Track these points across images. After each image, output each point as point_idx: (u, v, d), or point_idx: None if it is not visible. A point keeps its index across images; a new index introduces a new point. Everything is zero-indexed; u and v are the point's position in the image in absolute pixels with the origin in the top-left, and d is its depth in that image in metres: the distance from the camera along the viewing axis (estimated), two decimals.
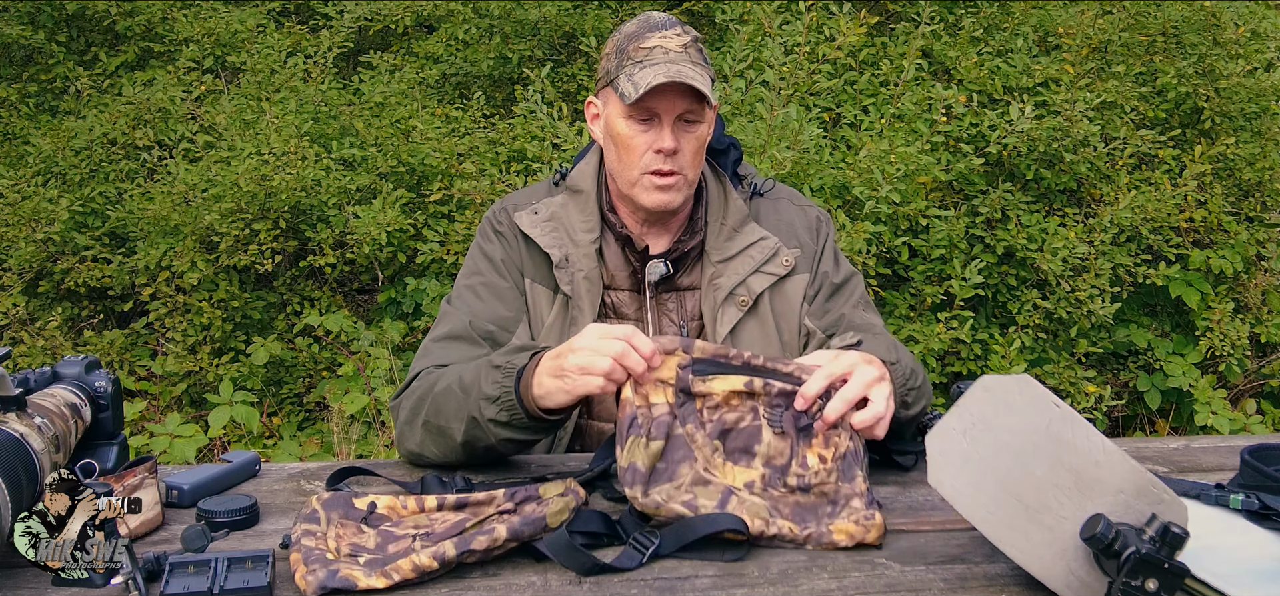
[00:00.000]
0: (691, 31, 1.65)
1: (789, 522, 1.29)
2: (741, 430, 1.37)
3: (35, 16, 5.04)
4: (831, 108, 4.07)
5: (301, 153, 3.88)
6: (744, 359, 1.38)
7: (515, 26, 4.80)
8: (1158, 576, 1.02)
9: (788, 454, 1.36)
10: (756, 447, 1.37)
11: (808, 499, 1.34)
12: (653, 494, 1.30)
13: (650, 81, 1.57)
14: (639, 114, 1.62)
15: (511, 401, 1.44)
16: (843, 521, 1.30)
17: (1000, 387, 1.15)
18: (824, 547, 1.28)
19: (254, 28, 4.68)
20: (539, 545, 1.22)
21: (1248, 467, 1.42)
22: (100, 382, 1.47)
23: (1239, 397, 4.37)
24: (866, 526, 1.29)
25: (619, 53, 1.64)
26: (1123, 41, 4.34)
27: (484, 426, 1.47)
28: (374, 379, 3.82)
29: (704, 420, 1.37)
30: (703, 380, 1.37)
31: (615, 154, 1.68)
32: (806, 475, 1.34)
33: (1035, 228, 3.90)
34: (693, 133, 1.64)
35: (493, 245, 1.75)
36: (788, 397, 1.38)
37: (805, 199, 1.85)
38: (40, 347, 4.10)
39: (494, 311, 1.69)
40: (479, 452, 1.52)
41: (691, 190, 1.69)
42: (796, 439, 1.37)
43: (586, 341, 1.37)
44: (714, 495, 1.32)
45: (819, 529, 1.29)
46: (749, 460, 1.36)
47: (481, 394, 1.46)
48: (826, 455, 1.36)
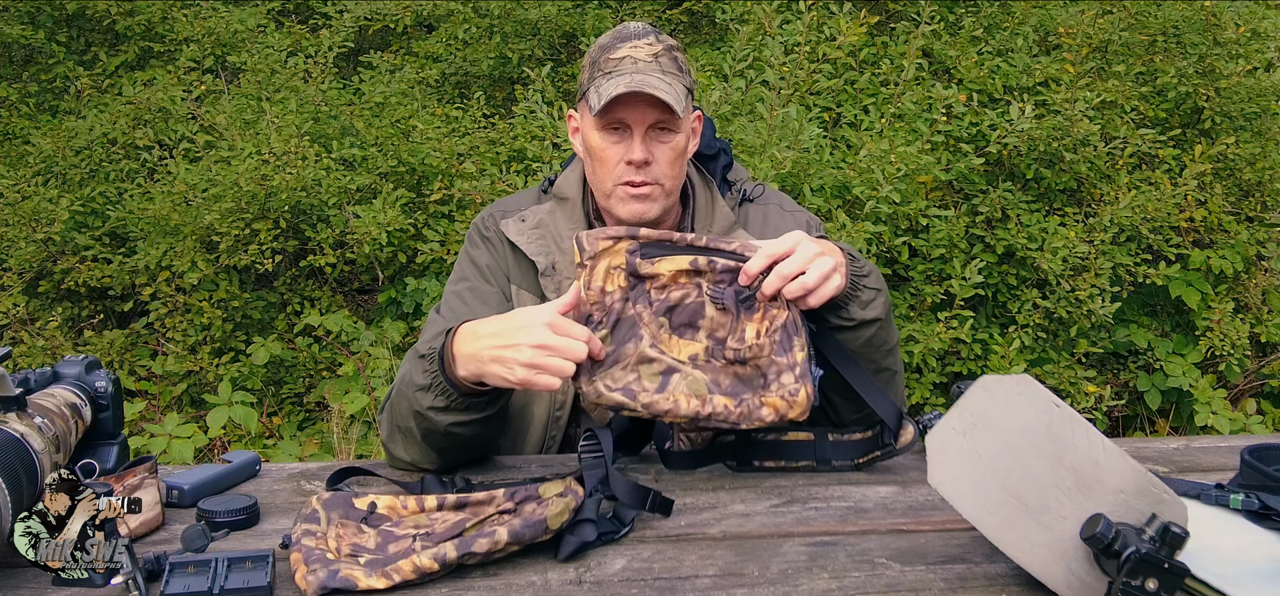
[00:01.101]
0: (667, 40, 1.65)
1: (725, 399, 1.39)
2: (686, 306, 1.44)
3: (35, 16, 5.04)
4: (832, 108, 4.07)
5: (302, 152, 3.88)
6: (688, 240, 1.45)
7: (515, 26, 4.80)
8: (1158, 576, 1.02)
9: (728, 327, 1.44)
10: (700, 322, 1.44)
11: (744, 371, 1.42)
12: (596, 381, 1.38)
13: (612, 92, 1.57)
14: (610, 125, 1.63)
15: (443, 384, 1.44)
16: (772, 395, 1.39)
17: (1000, 387, 1.15)
18: (754, 423, 1.39)
19: (254, 27, 4.68)
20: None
21: (1248, 467, 1.41)
22: (100, 382, 1.47)
23: (1239, 397, 4.37)
24: (790, 401, 1.39)
25: (592, 64, 1.65)
26: (1123, 41, 4.34)
27: (428, 417, 1.47)
28: (374, 379, 3.82)
29: (652, 299, 1.44)
30: (650, 262, 1.44)
31: (591, 167, 1.68)
32: (742, 349, 1.42)
33: (1035, 227, 3.89)
34: (667, 143, 1.63)
35: (479, 251, 1.75)
36: (732, 274, 1.45)
37: (795, 204, 1.84)
38: (40, 347, 4.10)
39: (476, 316, 1.68)
40: (443, 446, 1.51)
41: (670, 200, 1.68)
42: (737, 313, 1.43)
43: (527, 350, 1.35)
44: (656, 374, 1.40)
45: (752, 401, 1.39)
46: (693, 333, 1.44)
47: (415, 385, 1.47)
48: (762, 329, 1.42)
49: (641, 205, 1.64)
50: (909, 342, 3.66)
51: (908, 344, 3.66)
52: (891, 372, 1.61)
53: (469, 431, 1.49)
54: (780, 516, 1.39)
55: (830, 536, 1.32)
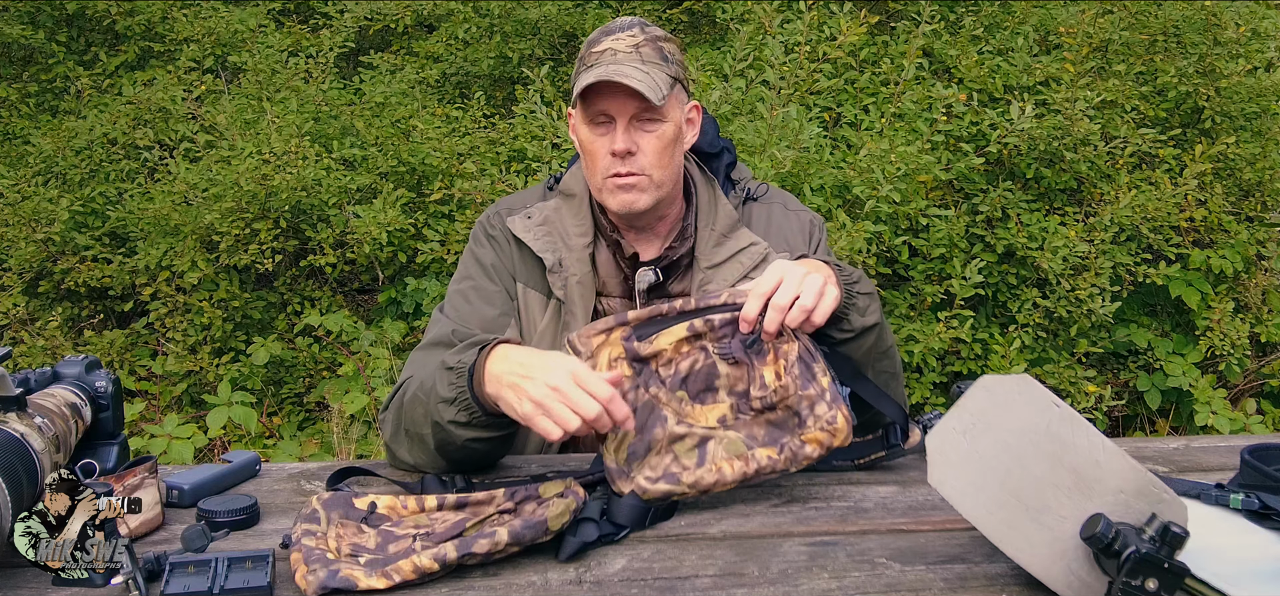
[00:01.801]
0: (654, 32, 1.64)
1: (767, 450, 1.37)
2: (698, 372, 1.42)
3: (35, 16, 5.03)
4: (832, 107, 4.06)
5: (302, 152, 3.88)
6: (677, 308, 1.43)
7: (515, 25, 4.80)
8: (1158, 576, 1.02)
9: (746, 378, 1.41)
10: (716, 383, 1.42)
11: (776, 416, 1.40)
12: (636, 477, 1.36)
13: (584, 82, 1.57)
14: (594, 118, 1.63)
15: (468, 401, 1.41)
16: (811, 431, 1.37)
17: (1000, 387, 1.15)
18: (802, 464, 1.37)
19: (255, 27, 4.68)
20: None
21: (1248, 467, 1.41)
22: (100, 382, 1.47)
23: (1239, 397, 4.37)
24: (831, 431, 1.37)
25: (579, 60, 1.66)
26: (1123, 40, 4.34)
27: (447, 429, 1.45)
28: (374, 379, 3.82)
29: (663, 377, 1.41)
30: (648, 342, 1.42)
31: (584, 161, 1.69)
32: (767, 394, 1.40)
33: (1035, 226, 3.89)
34: (652, 132, 1.63)
35: (484, 249, 1.74)
36: (732, 325, 1.42)
37: (799, 204, 1.83)
38: (40, 347, 4.10)
39: (480, 315, 1.68)
40: (457, 457, 1.50)
41: (661, 192, 1.67)
42: (750, 361, 1.41)
43: (542, 386, 1.32)
44: (692, 448, 1.38)
45: (793, 443, 1.37)
46: (714, 396, 1.41)
47: (439, 397, 1.44)
48: (779, 369, 1.40)
49: (629, 195, 1.64)
50: (909, 342, 3.66)
51: (908, 344, 3.66)
52: (892, 374, 1.61)
53: (485, 447, 1.49)
54: (780, 516, 1.39)
55: (830, 536, 1.32)
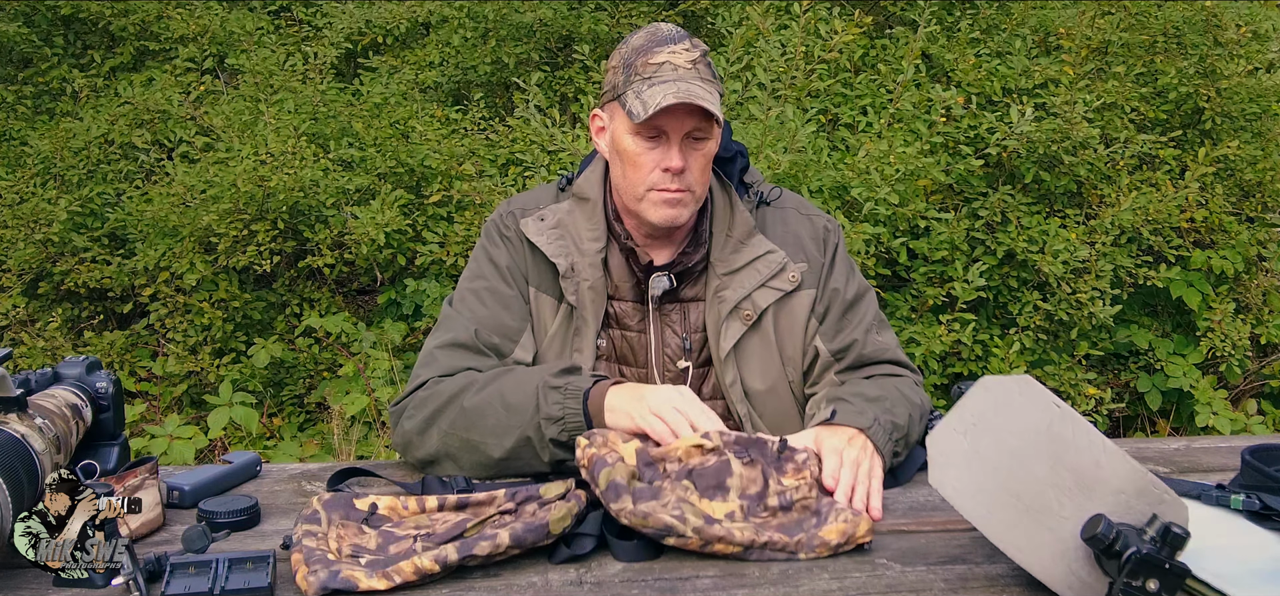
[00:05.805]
0: (700, 45, 1.63)
1: (780, 535, 1.26)
2: (708, 469, 1.33)
3: (31, 17, 5.02)
4: (829, 109, 4.06)
5: (300, 153, 3.88)
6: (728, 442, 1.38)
7: (510, 30, 4.78)
8: (1159, 576, 1.02)
9: (761, 481, 1.34)
10: (728, 481, 1.32)
11: (790, 516, 1.32)
12: (639, 506, 1.25)
13: (660, 102, 1.54)
14: (646, 131, 1.61)
15: (579, 423, 1.47)
16: (832, 524, 1.28)
17: (1000, 388, 1.15)
18: (817, 551, 1.26)
19: (253, 29, 4.68)
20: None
21: (1248, 468, 1.42)
22: (101, 383, 1.47)
23: (1240, 398, 4.37)
24: (855, 521, 1.29)
25: (626, 67, 1.61)
26: (1123, 42, 4.34)
27: (540, 446, 1.49)
28: (374, 380, 3.82)
29: (669, 472, 1.36)
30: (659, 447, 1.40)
31: (621, 170, 1.66)
32: (787, 492, 1.33)
33: (1036, 229, 3.89)
34: (700, 149, 1.63)
35: (499, 250, 1.73)
36: (755, 442, 1.38)
37: (813, 207, 1.82)
38: (41, 348, 4.10)
39: (499, 320, 1.68)
40: (514, 468, 1.53)
41: (698, 205, 1.68)
42: (768, 465, 1.36)
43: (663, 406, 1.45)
44: (697, 515, 1.27)
45: (808, 536, 1.27)
46: (723, 494, 1.31)
47: (544, 414, 1.48)
48: (802, 479, 1.36)
49: (674, 210, 1.63)
50: (910, 344, 3.65)
51: (909, 346, 3.65)
52: (912, 439, 1.65)
53: (559, 464, 1.52)
54: None
55: None
